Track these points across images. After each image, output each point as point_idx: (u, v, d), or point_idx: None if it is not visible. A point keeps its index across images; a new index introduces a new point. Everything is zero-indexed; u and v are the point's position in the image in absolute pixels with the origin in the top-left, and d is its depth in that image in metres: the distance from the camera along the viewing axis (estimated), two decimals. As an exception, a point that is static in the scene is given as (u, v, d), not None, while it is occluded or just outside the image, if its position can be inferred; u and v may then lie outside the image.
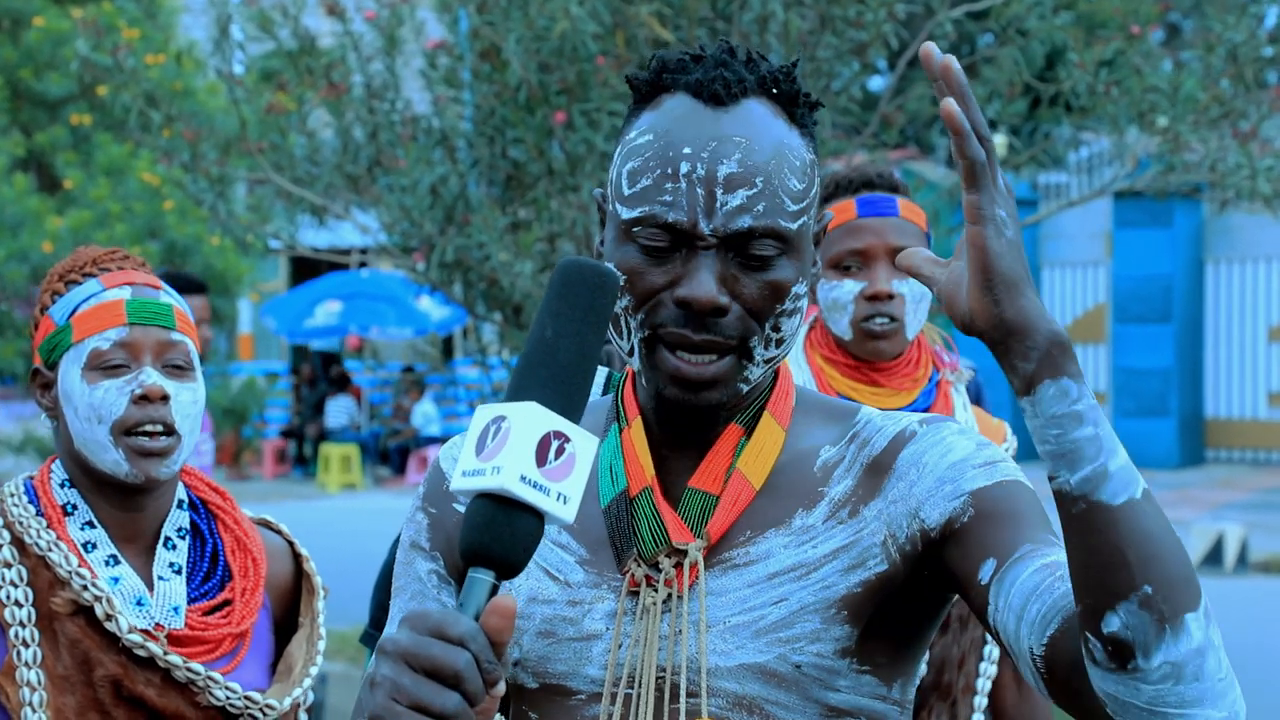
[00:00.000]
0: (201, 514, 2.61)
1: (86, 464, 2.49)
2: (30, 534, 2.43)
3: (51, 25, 14.15)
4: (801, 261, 1.74)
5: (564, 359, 1.47)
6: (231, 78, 7.64)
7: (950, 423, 1.74)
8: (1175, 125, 7.01)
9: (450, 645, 1.36)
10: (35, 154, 14.48)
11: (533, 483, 1.42)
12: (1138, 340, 21.36)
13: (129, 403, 2.45)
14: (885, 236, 3.07)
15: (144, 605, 2.46)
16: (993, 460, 1.69)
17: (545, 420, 1.44)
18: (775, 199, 1.70)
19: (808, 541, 1.70)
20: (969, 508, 1.66)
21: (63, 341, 2.49)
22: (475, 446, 1.44)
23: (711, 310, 1.68)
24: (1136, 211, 20.78)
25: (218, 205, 7.54)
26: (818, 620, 1.67)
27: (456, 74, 7.30)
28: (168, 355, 2.50)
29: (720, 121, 1.71)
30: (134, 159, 13.21)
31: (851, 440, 1.76)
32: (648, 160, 1.72)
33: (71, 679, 2.40)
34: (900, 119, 7.75)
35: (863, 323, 3.06)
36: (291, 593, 2.67)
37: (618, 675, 1.70)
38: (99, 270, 2.55)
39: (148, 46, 12.25)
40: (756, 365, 1.72)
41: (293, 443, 24.62)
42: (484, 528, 1.41)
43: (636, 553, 1.72)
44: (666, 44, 6.60)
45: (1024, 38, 7.27)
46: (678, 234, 1.69)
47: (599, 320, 1.50)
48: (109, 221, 12.62)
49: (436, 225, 6.96)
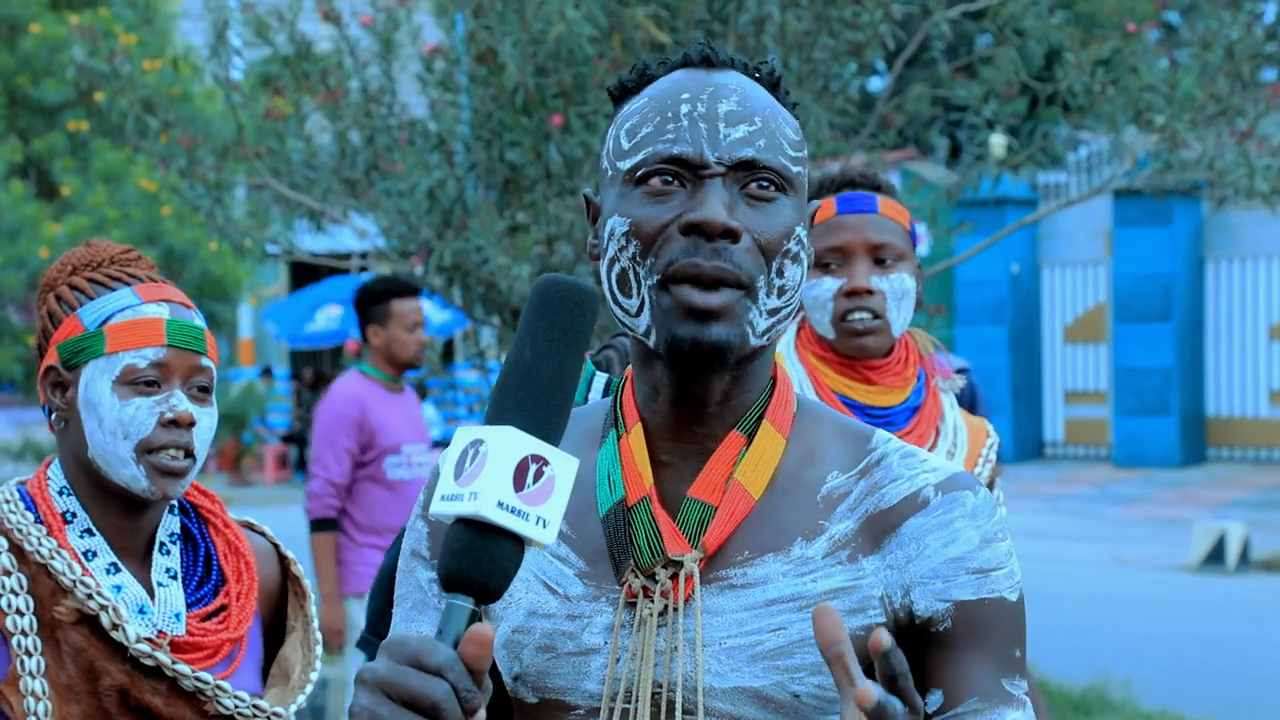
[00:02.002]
0: (192, 518, 2.60)
1: (97, 473, 2.47)
2: (30, 542, 2.41)
3: (48, 31, 14.15)
4: (801, 210, 1.74)
5: (543, 380, 1.47)
6: (229, 83, 7.63)
7: (965, 498, 1.71)
8: (1172, 123, 7.00)
9: (428, 675, 1.37)
10: (33, 160, 14.47)
11: (510, 508, 1.41)
12: (1138, 339, 21.36)
13: (157, 424, 2.44)
14: (864, 233, 3.06)
15: (146, 613, 2.45)
16: (987, 568, 1.69)
17: (522, 444, 1.43)
18: (775, 139, 1.71)
19: (807, 574, 1.68)
20: (948, 617, 1.68)
21: (92, 348, 2.46)
22: (454, 470, 1.44)
23: (723, 232, 1.66)
24: (1136, 210, 20.79)
25: (215, 211, 7.53)
26: (819, 654, 1.65)
27: (453, 78, 7.29)
28: (195, 379, 2.49)
29: (714, 76, 1.74)
30: (131, 165, 13.21)
31: (863, 474, 1.73)
32: (646, 115, 1.73)
33: (76, 688, 2.39)
34: (898, 119, 7.74)
35: (843, 320, 3.05)
36: (278, 595, 2.65)
37: (615, 690, 1.69)
38: (127, 275, 2.51)
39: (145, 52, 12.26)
40: (761, 314, 1.69)
41: (294, 448, 24.62)
42: (462, 554, 1.41)
43: (634, 563, 1.70)
44: (663, 46, 6.60)
45: (1021, 37, 7.26)
46: (683, 165, 1.68)
47: (578, 340, 1.49)
48: (106, 227, 12.62)
49: (434, 229, 6.95)
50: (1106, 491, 19.37)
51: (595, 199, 1.79)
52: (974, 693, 1.65)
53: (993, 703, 1.65)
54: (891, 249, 3.06)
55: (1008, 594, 1.69)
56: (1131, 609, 12.01)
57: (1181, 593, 12.89)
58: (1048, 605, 10.76)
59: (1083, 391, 22.53)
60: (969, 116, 7.43)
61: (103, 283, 2.50)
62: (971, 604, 1.67)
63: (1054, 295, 22.73)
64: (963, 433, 3.15)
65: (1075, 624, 11.12)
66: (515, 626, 1.74)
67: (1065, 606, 11.57)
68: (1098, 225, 21.93)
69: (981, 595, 1.68)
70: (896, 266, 3.06)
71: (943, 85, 8.14)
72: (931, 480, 1.71)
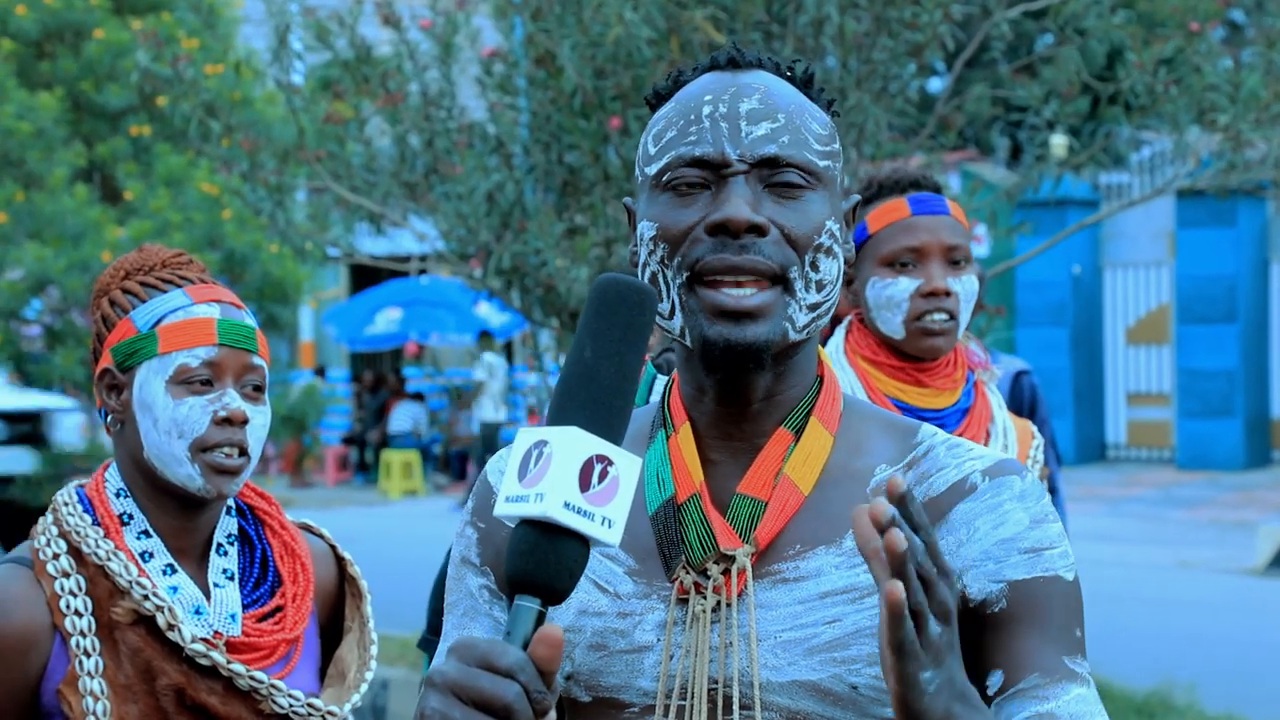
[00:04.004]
0: (249, 520, 2.62)
1: (154, 473, 2.50)
2: (88, 543, 2.44)
3: (112, 37, 14.26)
4: (833, 205, 1.73)
5: (604, 380, 1.47)
6: (290, 87, 7.67)
7: (1012, 482, 1.71)
8: (1236, 123, 6.93)
9: (499, 677, 1.37)
10: (96, 165, 14.60)
11: (576, 509, 1.41)
12: (1202, 341, 21.16)
13: (210, 423, 2.46)
14: (939, 235, 3.09)
15: (202, 614, 2.47)
16: (1040, 547, 1.68)
17: (587, 444, 1.43)
18: (799, 134, 1.70)
19: (860, 565, 1.68)
20: (1003, 597, 1.66)
21: (145, 349, 2.48)
22: (518, 471, 1.44)
23: (748, 228, 1.66)
24: (1199, 211, 20.59)
25: (276, 214, 7.57)
26: (875, 644, 1.65)
27: (512, 81, 7.31)
28: (247, 377, 2.51)
29: (740, 77, 1.74)
30: (193, 169, 13.30)
31: (910, 466, 1.73)
32: (670, 120, 1.73)
33: (134, 688, 2.41)
34: (958, 120, 7.70)
35: (918, 320, 3.06)
36: (335, 596, 2.67)
37: (670, 687, 1.69)
38: (178, 278, 2.54)
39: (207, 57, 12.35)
40: (800, 308, 1.69)
41: (354, 450, 24.73)
42: (529, 555, 1.42)
43: (685, 560, 1.70)
44: (720, 48, 6.58)
45: (1082, 37, 7.21)
46: (706, 167, 1.69)
47: (639, 339, 1.49)
48: (168, 231, 12.70)
49: (493, 232, 6.97)
50: (1170, 494, 19.20)
51: (634, 207, 1.80)
52: (1035, 669, 1.63)
53: (1055, 678, 1.63)
54: (962, 251, 3.10)
55: (1063, 572, 1.68)
56: (1196, 612, 11.90)
57: (1246, 596, 12.76)
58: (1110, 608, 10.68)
59: (1146, 393, 22.34)
60: (1030, 117, 7.38)
61: (155, 286, 2.53)
62: (1025, 583, 1.66)
63: (1116, 297, 22.55)
64: (1012, 433, 3.17)
65: (1138, 627, 11.03)
66: (566, 626, 1.74)
67: (1128, 610, 11.48)
68: (1160, 226, 21.74)
69: (1035, 574, 1.67)
70: (966, 269, 3.11)
71: (1003, 85, 8.08)
72: (978, 466, 1.72)
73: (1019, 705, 1.62)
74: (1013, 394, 4.31)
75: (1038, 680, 1.63)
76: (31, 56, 14.70)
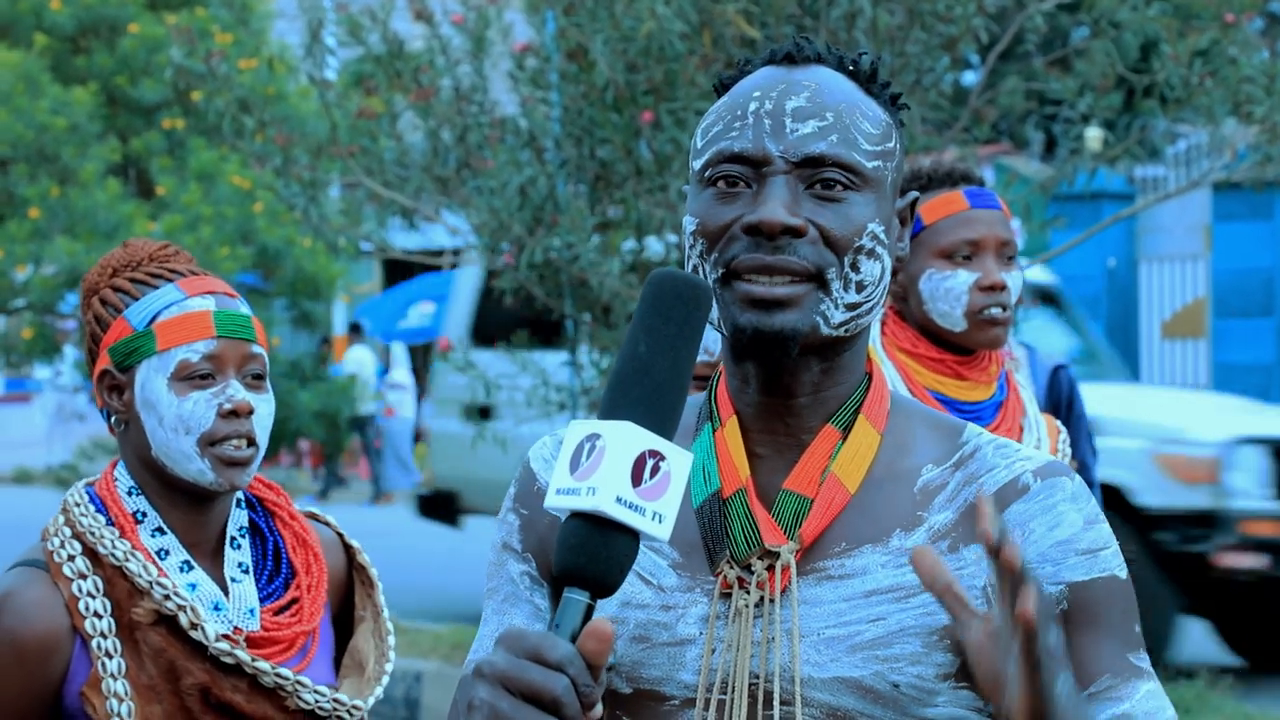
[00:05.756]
0: (259, 512, 2.61)
1: (163, 471, 2.49)
2: (104, 544, 2.42)
3: (146, 32, 14.31)
4: (881, 207, 1.71)
5: (658, 375, 1.46)
6: (323, 82, 7.69)
7: (1064, 483, 1.71)
8: (1273, 115, 6.88)
9: (549, 670, 1.36)
10: (130, 159, 14.65)
11: (628, 503, 1.41)
12: (1238, 334, 21.05)
13: (216, 416, 2.45)
14: (995, 229, 3.14)
15: (221, 609, 2.46)
16: (1096, 548, 1.68)
17: (640, 439, 1.43)
18: (847, 133, 1.68)
19: (906, 565, 1.67)
20: (1063, 599, 1.66)
21: (144, 348, 2.47)
22: (569, 464, 1.43)
23: (783, 230, 1.65)
24: (1236, 204, 20.48)
25: (309, 209, 7.59)
26: (919, 644, 1.65)
27: (544, 75, 7.31)
28: (248, 367, 2.50)
29: (794, 73, 1.73)
30: (226, 164, 13.34)
31: (958, 466, 1.73)
32: (719, 114, 1.73)
33: (158, 688, 2.40)
34: (992, 113, 7.66)
35: (980, 313, 3.09)
36: (345, 586, 2.66)
37: (711, 681, 1.68)
38: (168, 271, 2.52)
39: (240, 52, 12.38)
40: (836, 306, 1.68)
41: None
42: (579, 549, 1.41)
43: (729, 554, 1.70)
44: (753, 42, 6.57)
45: (1116, 29, 7.16)
46: (745, 163, 1.68)
47: (693, 335, 1.48)
48: (200, 225, 12.74)
49: (525, 226, 6.97)
50: (1206, 488, 19.09)
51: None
52: (1104, 670, 1.63)
53: (1125, 678, 1.64)
54: (1012, 246, 3.16)
55: (1118, 572, 1.68)
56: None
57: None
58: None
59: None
60: (1064, 110, 7.35)
61: (145, 281, 2.51)
62: (1085, 584, 1.66)
63: (1152, 290, 22.44)
64: (1043, 426, 3.21)
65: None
66: (609, 617, 1.73)
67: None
68: (1196, 219, 21.62)
69: (1094, 575, 1.66)
70: (1014, 264, 3.16)
71: (1037, 79, 8.04)
72: (1029, 467, 1.71)
73: (1097, 709, 1.62)
74: (1050, 388, 4.31)
75: (1109, 681, 1.63)
76: (67, 52, 14.77)
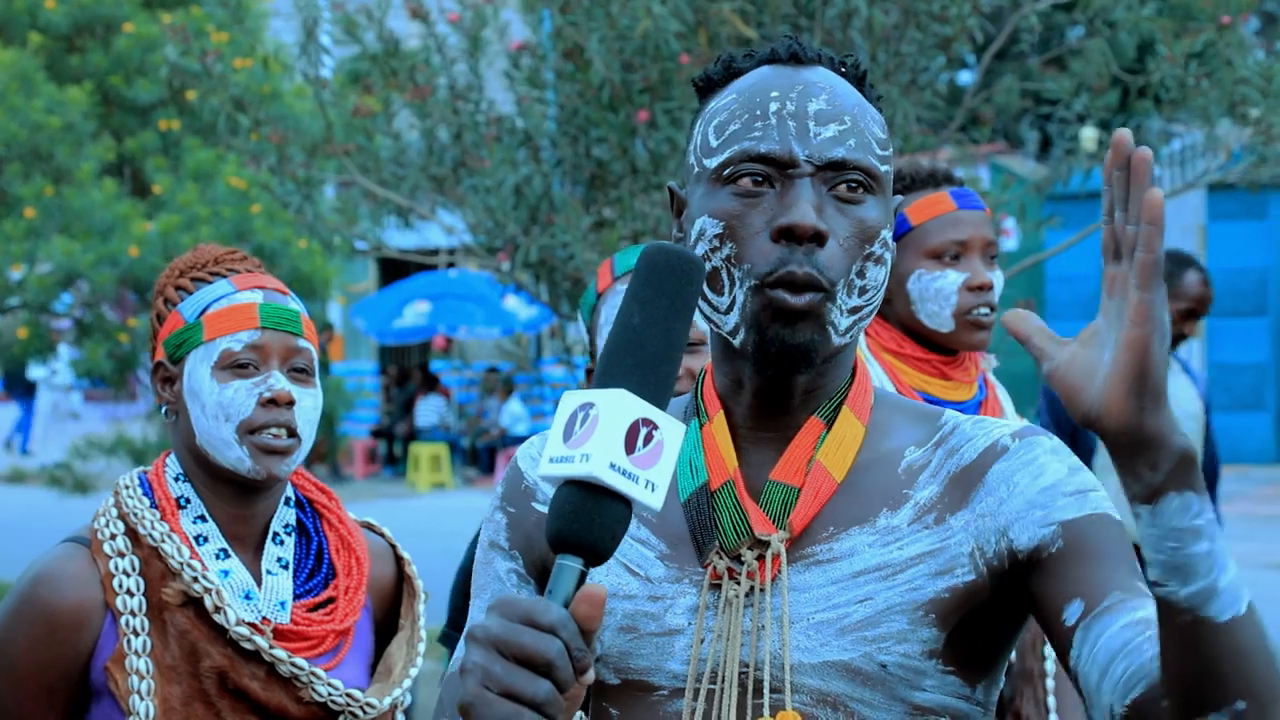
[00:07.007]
0: (307, 512, 2.66)
1: (207, 459, 2.54)
2: (144, 525, 2.49)
3: (141, 31, 14.29)
4: (887, 210, 1.75)
5: (651, 347, 1.47)
6: (318, 81, 7.67)
7: (1042, 440, 1.72)
8: (1268, 116, 6.89)
9: (541, 633, 1.37)
10: (125, 159, 14.63)
11: (622, 470, 1.42)
12: (1232, 334, 21.08)
13: (256, 404, 2.51)
14: (981, 230, 3.14)
15: (252, 599, 2.51)
16: (1083, 489, 1.68)
17: (634, 407, 1.44)
18: (864, 137, 1.71)
19: (893, 542, 1.69)
20: (1058, 538, 1.65)
21: (192, 338, 2.54)
22: (563, 433, 1.44)
23: (813, 235, 1.67)
24: (1230, 204, 20.51)
25: (305, 208, 7.58)
26: (904, 621, 1.66)
27: (540, 74, 7.31)
28: (294, 360, 2.56)
29: (802, 73, 1.74)
30: (222, 163, 13.32)
31: (938, 445, 1.74)
32: (734, 112, 1.73)
33: (179, 669, 2.45)
34: (987, 113, 7.67)
35: (968, 314, 3.11)
36: (393, 595, 2.71)
37: (700, 670, 1.69)
38: (226, 270, 2.59)
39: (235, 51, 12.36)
40: (842, 314, 1.70)
41: (382, 442, 24.79)
42: (572, 515, 1.42)
43: (718, 545, 1.71)
44: (749, 41, 6.58)
45: (1112, 29, 7.17)
46: (771, 164, 1.69)
47: (685, 307, 1.50)
48: (197, 225, 12.72)
49: (520, 225, 6.97)
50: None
51: (681, 192, 1.80)
52: (1114, 588, 1.60)
53: (1135, 594, 1.60)
54: (995, 246, 3.16)
55: (1111, 512, 1.67)
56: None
57: (1277, 590, 12.71)
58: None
59: (1175, 387, 22.26)
60: (1059, 110, 7.35)
61: (204, 279, 2.58)
62: (1079, 521, 1.65)
63: (1146, 290, 22.45)
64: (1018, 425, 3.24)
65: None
66: None
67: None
68: (1191, 220, 21.64)
69: (1086, 512, 1.66)
70: (996, 264, 3.17)
71: (1032, 78, 8.05)
72: (1006, 431, 1.73)
73: (1111, 618, 1.58)
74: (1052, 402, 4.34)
75: (1119, 596, 1.60)
76: (61, 51, 14.74)
